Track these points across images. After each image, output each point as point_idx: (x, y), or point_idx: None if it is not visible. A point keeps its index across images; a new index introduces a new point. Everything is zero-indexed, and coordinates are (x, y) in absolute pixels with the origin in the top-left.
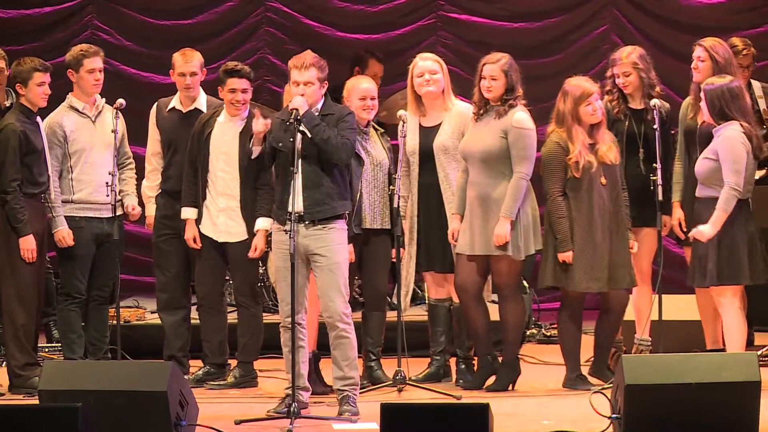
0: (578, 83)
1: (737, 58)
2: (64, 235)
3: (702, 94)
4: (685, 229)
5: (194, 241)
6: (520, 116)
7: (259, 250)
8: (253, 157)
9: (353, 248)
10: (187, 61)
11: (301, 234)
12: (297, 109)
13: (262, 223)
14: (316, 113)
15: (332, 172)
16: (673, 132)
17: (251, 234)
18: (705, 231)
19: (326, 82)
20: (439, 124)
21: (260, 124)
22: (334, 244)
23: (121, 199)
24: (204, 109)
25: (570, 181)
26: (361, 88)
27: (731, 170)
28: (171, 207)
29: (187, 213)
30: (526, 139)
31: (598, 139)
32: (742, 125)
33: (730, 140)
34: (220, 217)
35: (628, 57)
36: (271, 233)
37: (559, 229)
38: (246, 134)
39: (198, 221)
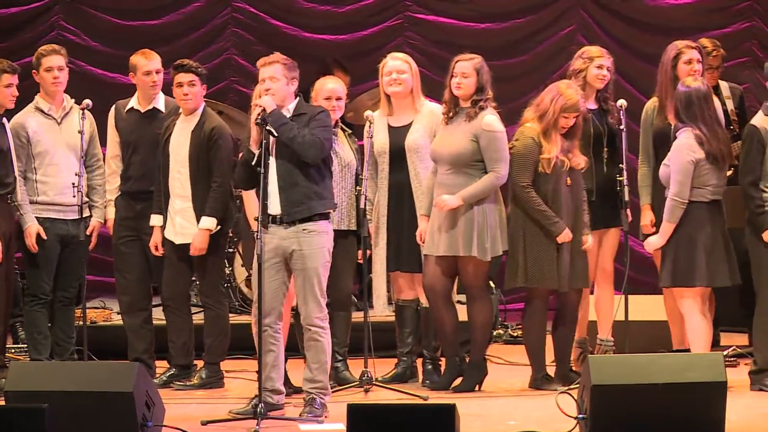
0: (573, 94)
1: (707, 59)
2: (33, 231)
3: (675, 95)
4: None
5: (156, 248)
6: (490, 119)
7: (197, 250)
8: (253, 163)
9: None
10: (151, 60)
11: (279, 235)
12: (264, 108)
13: (205, 223)
14: (288, 113)
15: (308, 172)
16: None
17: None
18: (653, 242)
19: (296, 80)
20: (409, 124)
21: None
22: (312, 248)
23: (89, 200)
24: (162, 108)
25: (540, 176)
26: (327, 88)
27: (674, 180)
28: (131, 209)
29: (154, 220)
30: (498, 141)
31: (572, 148)
32: (694, 132)
33: (678, 149)
34: (176, 218)
35: (609, 55)
36: (215, 232)
37: (546, 214)
38: (198, 132)
39: (164, 227)
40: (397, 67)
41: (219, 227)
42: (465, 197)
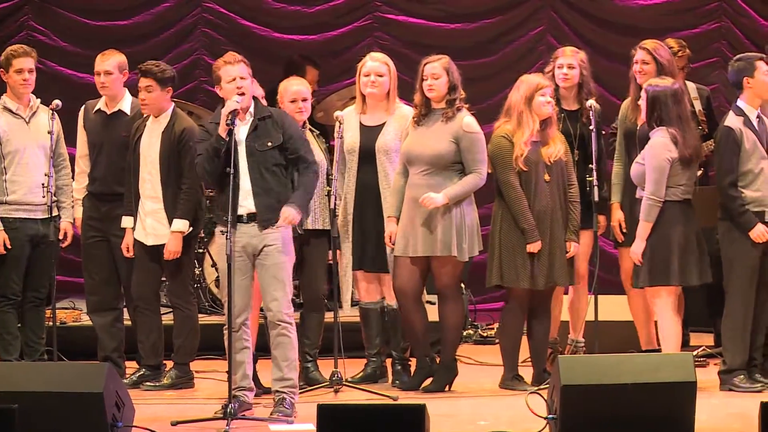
0: (533, 77)
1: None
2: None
3: (643, 95)
4: (625, 231)
5: (127, 250)
6: (470, 120)
7: (171, 253)
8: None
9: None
10: (102, 61)
11: (249, 234)
12: (233, 111)
13: (177, 225)
14: (250, 117)
15: (278, 176)
16: (604, 132)
17: None
18: (635, 249)
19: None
20: (382, 125)
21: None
22: (280, 244)
23: (57, 201)
24: (128, 110)
25: (519, 174)
26: (292, 90)
27: (650, 180)
28: (96, 209)
29: (125, 222)
30: (479, 143)
31: (547, 137)
32: (669, 131)
33: (653, 149)
34: (147, 220)
35: (574, 53)
36: (186, 235)
37: (527, 219)
38: (168, 134)
39: (134, 228)
40: (376, 69)
41: (191, 229)
42: (450, 196)
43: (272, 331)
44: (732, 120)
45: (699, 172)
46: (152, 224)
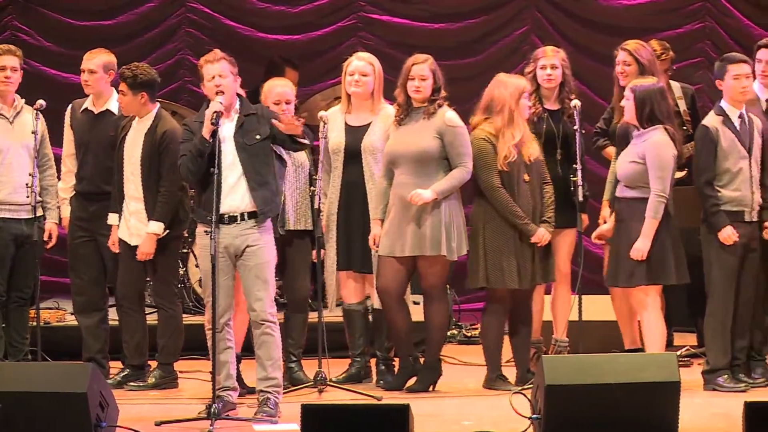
0: (515, 79)
1: (657, 61)
2: None
3: (629, 95)
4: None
5: (114, 245)
6: (451, 115)
7: (143, 254)
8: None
9: (276, 250)
10: (88, 59)
11: (231, 234)
12: (218, 111)
13: (152, 227)
14: (236, 114)
15: (271, 169)
16: (585, 132)
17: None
18: (640, 246)
19: (239, 77)
20: (368, 124)
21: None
22: (263, 243)
23: (42, 201)
24: (115, 110)
25: (500, 175)
26: (276, 92)
27: (657, 177)
28: (84, 209)
29: (111, 219)
30: (463, 137)
31: (524, 137)
32: (666, 129)
33: (658, 146)
34: (131, 219)
35: (555, 52)
36: (165, 235)
37: (519, 215)
38: (150, 135)
39: (119, 226)
40: (361, 68)
41: (167, 231)
42: (439, 191)
43: (256, 330)
44: (710, 119)
45: (683, 173)
46: (135, 224)
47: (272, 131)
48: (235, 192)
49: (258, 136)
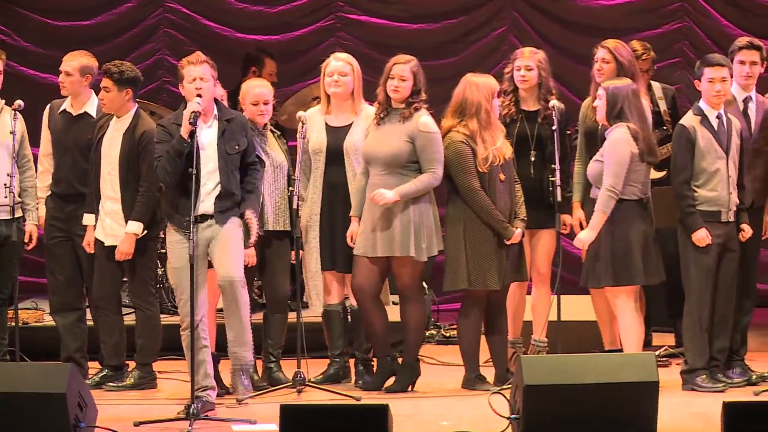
0: (485, 79)
1: (637, 62)
2: None
3: (602, 93)
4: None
5: (89, 246)
6: (426, 120)
7: (122, 254)
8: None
9: (255, 250)
10: (65, 60)
11: (202, 226)
12: (195, 112)
13: (130, 227)
14: (215, 120)
15: (237, 179)
16: (569, 132)
17: None
18: (584, 237)
19: (218, 82)
20: (349, 125)
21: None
22: (232, 228)
23: (21, 202)
24: (94, 113)
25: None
26: (254, 93)
27: (610, 172)
28: (60, 209)
29: (87, 219)
30: (434, 143)
31: (495, 139)
32: (629, 127)
33: (614, 142)
34: (106, 220)
35: (532, 53)
36: (145, 236)
37: (498, 218)
38: (129, 135)
39: (95, 226)
40: (339, 68)
41: (146, 232)
42: (402, 193)
43: (227, 297)
44: (687, 119)
45: (662, 174)
46: (111, 224)
47: (247, 148)
48: (210, 198)
49: (236, 147)
